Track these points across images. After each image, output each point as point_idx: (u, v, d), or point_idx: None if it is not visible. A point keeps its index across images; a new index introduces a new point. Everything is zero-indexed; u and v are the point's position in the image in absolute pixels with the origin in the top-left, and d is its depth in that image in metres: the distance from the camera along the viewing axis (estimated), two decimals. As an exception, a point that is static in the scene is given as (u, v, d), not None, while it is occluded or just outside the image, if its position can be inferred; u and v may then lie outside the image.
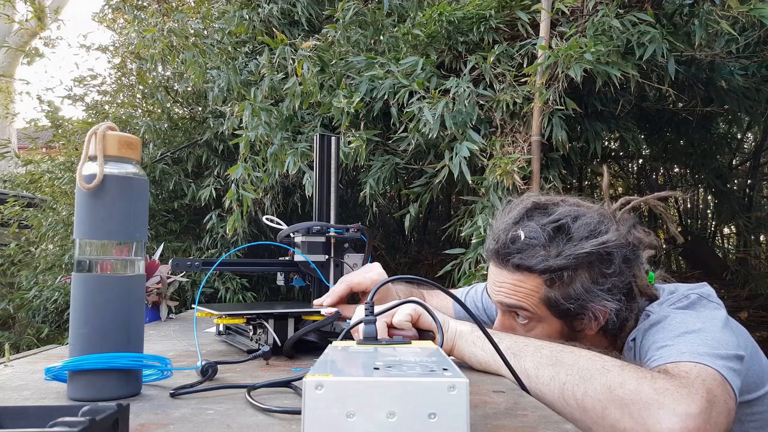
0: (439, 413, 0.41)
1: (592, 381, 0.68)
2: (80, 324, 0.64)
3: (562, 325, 0.90)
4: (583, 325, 0.90)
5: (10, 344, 3.21)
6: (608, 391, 0.67)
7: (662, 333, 0.80)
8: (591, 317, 0.88)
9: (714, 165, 3.19)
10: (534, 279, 0.88)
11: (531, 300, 0.89)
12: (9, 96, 7.32)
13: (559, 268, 0.86)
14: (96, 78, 3.76)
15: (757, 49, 2.13)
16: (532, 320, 0.91)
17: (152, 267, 1.47)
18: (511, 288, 0.90)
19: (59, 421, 0.37)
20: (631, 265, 0.89)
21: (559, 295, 0.87)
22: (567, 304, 0.87)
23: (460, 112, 1.82)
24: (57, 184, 3.19)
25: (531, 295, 0.89)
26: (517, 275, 0.89)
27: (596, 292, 0.87)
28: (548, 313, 0.89)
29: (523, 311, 0.90)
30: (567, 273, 0.86)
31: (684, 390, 0.65)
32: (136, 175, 0.67)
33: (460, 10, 1.95)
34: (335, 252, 1.07)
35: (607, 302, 0.87)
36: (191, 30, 2.75)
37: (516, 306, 0.90)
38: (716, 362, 0.71)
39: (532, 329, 0.91)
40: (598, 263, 0.87)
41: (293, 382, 0.69)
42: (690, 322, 0.80)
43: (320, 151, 1.16)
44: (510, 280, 0.90)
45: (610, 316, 0.88)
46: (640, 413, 0.64)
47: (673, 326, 0.80)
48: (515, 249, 0.89)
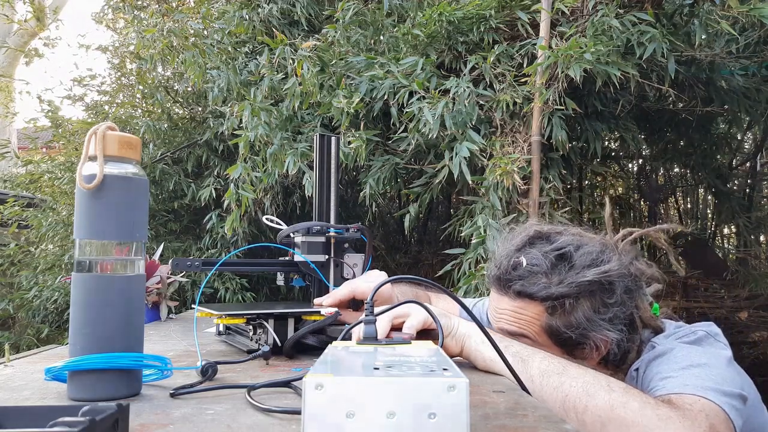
0: (439, 413, 0.41)
1: (595, 397, 0.68)
2: (80, 324, 0.64)
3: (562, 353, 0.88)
4: (584, 354, 0.89)
5: (10, 344, 3.21)
6: (610, 408, 0.66)
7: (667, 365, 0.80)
8: (592, 347, 0.88)
9: (714, 165, 3.19)
10: (535, 306, 0.88)
11: (532, 328, 0.88)
12: (9, 96, 7.32)
13: (561, 296, 0.86)
14: (95, 78, 3.76)
15: (757, 49, 2.13)
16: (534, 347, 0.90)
17: (152, 267, 1.47)
18: (512, 315, 0.90)
19: (59, 421, 0.37)
20: (632, 296, 0.88)
21: (561, 323, 0.86)
22: (568, 333, 0.86)
23: (460, 112, 1.82)
24: (57, 184, 3.20)
25: (532, 323, 0.88)
26: (519, 302, 0.89)
27: (598, 321, 0.86)
28: (549, 341, 0.89)
29: (524, 339, 0.88)
30: (569, 301, 0.86)
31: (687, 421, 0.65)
32: (136, 175, 0.67)
33: (460, 10, 1.95)
34: (335, 252, 1.07)
35: (609, 332, 0.86)
36: (191, 30, 2.75)
37: (517, 333, 0.89)
38: (720, 398, 0.71)
39: None
40: (599, 293, 0.86)
41: (293, 382, 0.69)
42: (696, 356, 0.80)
43: (320, 151, 1.16)
44: (511, 307, 0.90)
45: (612, 347, 0.88)
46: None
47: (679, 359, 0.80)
48: (517, 276, 0.89)
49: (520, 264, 0.89)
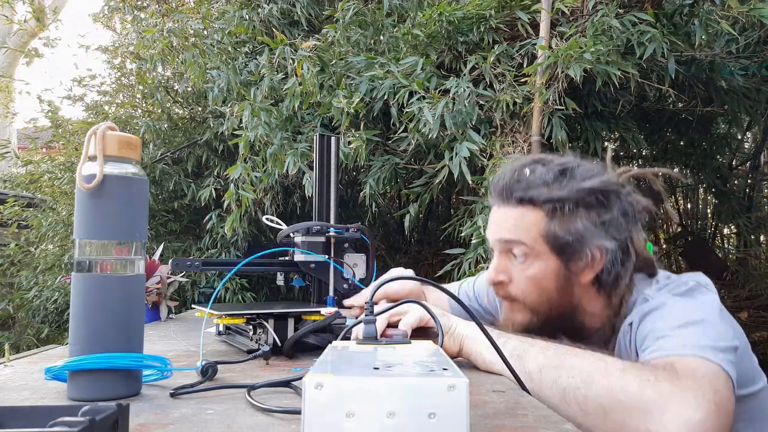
0: (439, 413, 0.41)
1: (593, 385, 0.68)
2: (80, 324, 0.64)
3: (559, 264, 0.88)
4: (580, 266, 0.88)
5: (10, 344, 3.22)
6: (609, 395, 0.66)
7: (662, 321, 0.79)
8: (588, 258, 0.87)
9: (714, 165, 3.18)
10: (536, 212, 0.88)
11: (530, 234, 0.88)
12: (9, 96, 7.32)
13: (561, 200, 0.86)
14: (95, 78, 3.76)
15: (757, 49, 2.13)
16: (529, 257, 0.89)
17: (152, 267, 1.47)
18: (512, 223, 0.90)
19: (59, 421, 0.37)
20: (628, 220, 0.88)
21: (559, 228, 0.87)
22: (567, 238, 0.86)
23: (460, 112, 1.82)
24: (57, 184, 3.20)
25: (531, 229, 0.88)
26: (519, 209, 0.89)
27: (594, 231, 0.86)
28: (547, 248, 0.88)
29: (521, 246, 0.89)
30: (568, 206, 0.86)
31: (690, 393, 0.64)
32: (136, 175, 0.67)
33: (460, 10, 1.95)
34: (335, 252, 1.07)
35: (605, 241, 0.86)
36: (191, 30, 2.75)
37: (515, 241, 0.89)
38: (718, 356, 0.71)
39: (527, 269, 0.89)
40: (597, 206, 0.87)
41: (293, 382, 0.69)
42: (691, 312, 0.79)
43: (320, 151, 1.16)
44: (512, 215, 0.90)
45: (606, 264, 0.87)
46: (643, 418, 0.63)
47: (674, 315, 0.79)
48: (519, 185, 0.90)
49: (523, 175, 0.90)
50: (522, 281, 0.90)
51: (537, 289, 0.89)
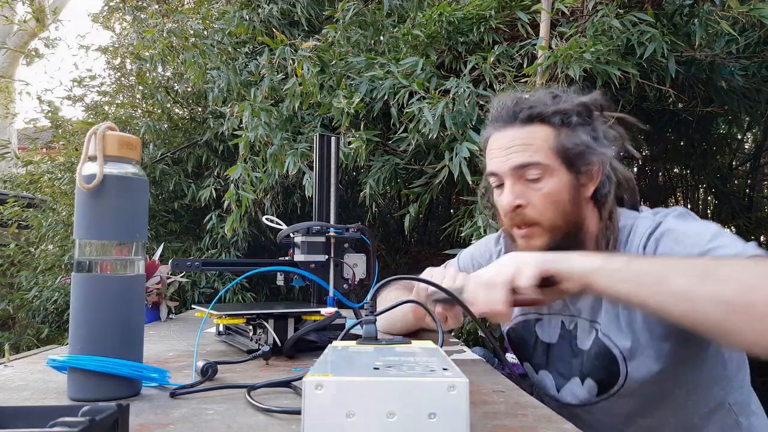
0: (439, 413, 0.41)
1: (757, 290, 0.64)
2: (80, 324, 0.64)
3: (570, 177, 0.89)
4: (585, 180, 0.90)
5: (10, 344, 3.22)
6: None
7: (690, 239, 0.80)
8: (594, 170, 0.90)
9: (714, 165, 3.19)
10: (544, 129, 0.89)
11: (543, 151, 0.88)
12: (9, 96, 7.32)
13: (566, 112, 0.89)
14: (95, 78, 3.76)
15: (757, 50, 2.13)
16: (545, 175, 0.88)
17: (152, 267, 1.47)
18: (522, 144, 0.89)
19: (59, 421, 0.37)
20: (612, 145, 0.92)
21: (567, 140, 0.88)
22: (575, 149, 0.88)
23: (460, 113, 1.82)
24: (57, 185, 3.20)
25: (542, 147, 0.88)
26: (527, 129, 0.90)
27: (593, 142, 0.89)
28: (559, 163, 0.88)
29: (536, 167, 0.88)
30: (573, 118, 0.89)
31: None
32: (136, 175, 0.67)
33: (460, 10, 1.96)
34: (335, 252, 1.07)
35: (606, 150, 0.90)
36: (191, 31, 2.75)
37: (528, 162, 0.88)
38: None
39: (544, 187, 0.89)
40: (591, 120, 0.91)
41: (293, 382, 0.69)
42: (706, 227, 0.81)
43: (320, 151, 1.16)
44: (521, 135, 0.90)
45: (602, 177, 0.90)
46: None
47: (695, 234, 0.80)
48: (525, 106, 0.91)
49: (524, 98, 0.92)
50: (539, 201, 0.89)
51: (553, 205, 0.88)
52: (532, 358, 1.04)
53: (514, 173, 0.90)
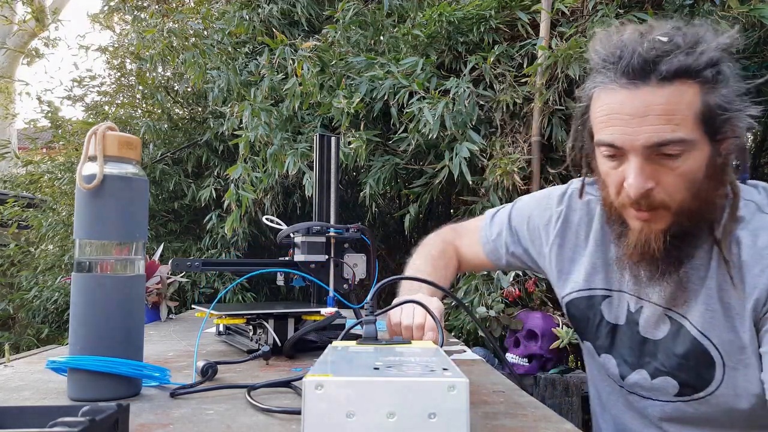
0: (439, 413, 0.41)
1: None
2: (80, 324, 0.64)
3: (711, 149, 0.70)
4: (728, 149, 0.72)
5: (10, 344, 3.21)
6: None
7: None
8: (734, 138, 0.71)
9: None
10: (691, 88, 0.68)
11: (688, 123, 0.68)
12: (9, 97, 7.32)
13: (718, 62, 0.68)
14: (95, 78, 3.76)
15: (757, 50, 2.13)
16: (685, 150, 0.69)
17: (152, 267, 1.47)
18: (662, 115, 0.68)
19: (59, 421, 0.37)
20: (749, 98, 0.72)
21: (718, 99, 0.69)
22: (722, 113, 0.69)
23: (460, 113, 1.82)
24: (57, 185, 3.20)
25: (687, 116, 0.68)
26: (669, 89, 0.67)
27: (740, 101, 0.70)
28: (701, 134, 0.69)
29: (677, 143, 0.68)
30: (722, 68, 0.69)
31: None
32: (136, 175, 0.67)
33: (460, 10, 1.96)
34: (335, 252, 1.07)
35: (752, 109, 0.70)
36: (191, 30, 2.75)
37: (670, 140, 0.68)
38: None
39: (681, 165, 0.70)
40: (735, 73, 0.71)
41: (293, 382, 0.69)
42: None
43: (320, 151, 1.16)
44: (660, 103, 0.68)
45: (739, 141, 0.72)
46: None
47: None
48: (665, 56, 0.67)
49: (660, 43, 0.68)
50: (673, 181, 0.71)
51: (689, 184, 0.71)
52: (596, 340, 0.89)
53: (647, 151, 0.70)
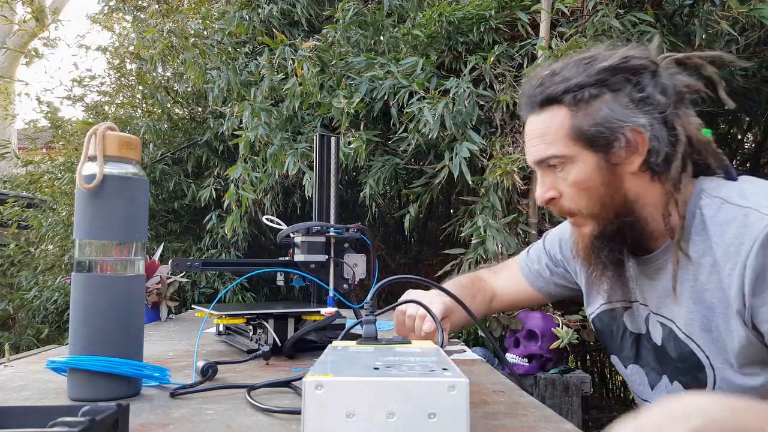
0: (439, 413, 0.41)
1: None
2: (80, 324, 0.64)
3: (597, 159, 0.80)
4: (621, 157, 0.79)
5: (10, 344, 3.21)
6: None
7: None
8: (625, 143, 0.78)
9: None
10: (559, 111, 0.81)
11: (559, 141, 0.81)
12: (8, 97, 7.32)
13: (579, 86, 0.79)
14: (95, 78, 3.76)
15: (757, 50, 2.13)
16: (566, 163, 0.81)
17: (152, 267, 1.47)
18: (538, 137, 0.83)
19: (59, 421, 0.37)
20: (668, 97, 0.79)
21: (585, 119, 0.79)
22: (595, 129, 0.78)
23: (460, 113, 1.82)
24: (57, 185, 3.20)
25: (558, 133, 0.81)
26: (543, 115, 0.82)
27: (625, 112, 0.78)
28: (579, 147, 0.80)
29: (552, 159, 0.82)
30: (588, 91, 0.79)
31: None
32: (136, 175, 0.67)
33: (460, 10, 1.96)
34: (335, 252, 1.07)
35: (639, 119, 0.78)
36: (191, 30, 2.75)
37: (544, 157, 0.82)
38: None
39: (568, 176, 0.82)
40: (625, 85, 0.79)
41: (293, 382, 0.69)
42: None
43: (320, 151, 1.16)
44: (538, 125, 0.83)
45: (651, 145, 0.78)
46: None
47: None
48: (541, 88, 0.83)
49: (544, 76, 0.83)
50: (569, 190, 0.82)
51: (585, 192, 0.81)
52: (621, 351, 0.92)
53: (539, 166, 0.85)
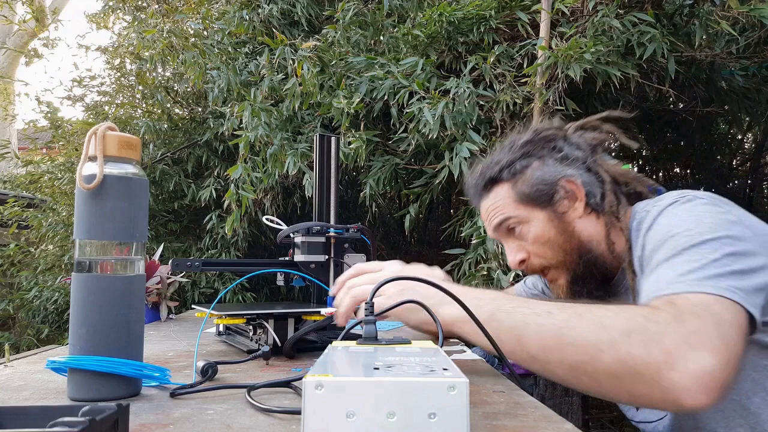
0: (439, 413, 0.41)
1: (600, 358, 0.64)
2: (80, 324, 0.64)
3: (546, 214, 0.94)
4: (565, 206, 0.94)
5: (10, 344, 3.21)
6: (618, 364, 0.63)
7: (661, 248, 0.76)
8: (566, 194, 0.94)
9: (714, 165, 3.19)
10: (501, 187, 0.98)
11: (509, 206, 0.97)
12: (8, 97, 7.32)
13: (510, 162, 0.97)
14: (95, 78, 3.76)
15: (757, 50, 2.13)
16: (522, 225, 0.96)
17: (152, 267, 1.47)
18: (492, 210, 0.99)
19: (59, 421, 0.37)
20: (585, 150, 0.96)
21: (525, 185, 0.95)
22: (535, 188, 0.94)
23: (460, 113, 1.82)
24: (57, 185, 3.20)
25: (507, 202, 0.97)
26: (491, 195, 0.99)
27: (555, 170, 0.95)
28: (528, 208, 0.95)
29: (509, 220, 0.96)
30: (519, 163, 0.97)
31: (694, 338, 0.61)
32: (136, 175, 0.67)
33: (460, 10, 1.95)
34: (335, 252, 1.07)
35: (568, 170, 0.94)
36: (191, 30, 2.75)
37: (502, 220, 0.97)
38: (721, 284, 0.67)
39: (528, 235, 0.95)
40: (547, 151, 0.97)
41: (293, 382, 0.69)
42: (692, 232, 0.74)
43: (320, 151, 1.16)
44: (489, 204, 1.00)
45: (586, 189, 0.94)
46: (654, 378, 0.61)
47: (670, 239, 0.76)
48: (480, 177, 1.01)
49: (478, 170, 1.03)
50: (533, 248, 0.94)
51: (547, 245, 0.94)
52: None
53: (501, 234, 0.98)
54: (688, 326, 0.63)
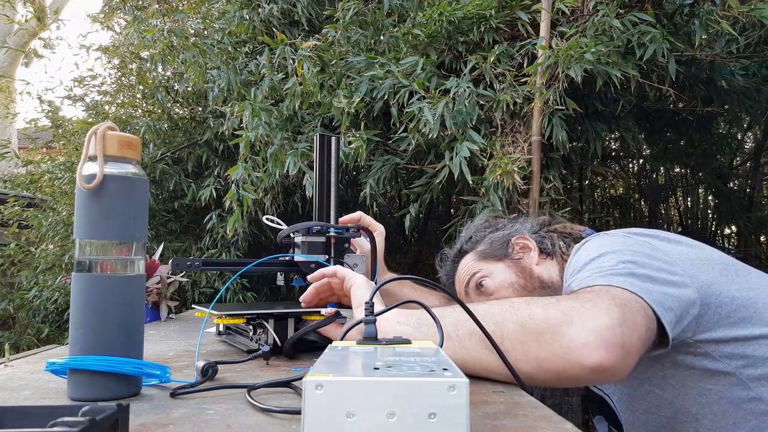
0: (439, 413, 0.41)
1: (505, 323, 0.70)
2: (80, 324, 0.64)
3: (503, 264, 1.13)
4: (520, 254, 1.13)
5: (10, 344, 3.22)
6: (520, 327, 0.69)
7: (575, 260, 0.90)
8: (518, 247, 1.14)
9: (714, 165, 3.18)
10: (466, 257, 1.21)
11: (474, 265, 1.17)
12: (9, 96, 7.32)
13: (469, 237, 1.23)
14: (96, 78, 3.76)
15: (757, 49, 2.13)
16: (487, 278, 1.13)
17: (152, 267, 1.47)
18: (462, 273, 1.19)
19: (59, 421, 0.37)
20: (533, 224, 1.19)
21: (482, 248, 1.18)
22: (491, 245, 1.16)
23: (460, 112, 1.82)
24: (57, 184, 3.20)
25: (471, 263, 1.18)
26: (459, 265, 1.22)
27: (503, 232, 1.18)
28: (488, 262, 1.15)
29: (475, 276, 1.15)
30: (475, 236, 1.21)
31: (589, 303, 0.68)
32: (136, 175, 0.67)
33: (460, 10, 1.95)
34: (335, 252, 1.07)
35: (514, 227, 1.18)
36: (191, 30, 2.75)
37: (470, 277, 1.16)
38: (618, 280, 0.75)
39: (493, 284, 1.12)
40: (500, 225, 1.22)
41: (293, 382, 0.69)
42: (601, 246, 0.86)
43: (320, 151, 1.16)
44: (460, 271, 1.20)
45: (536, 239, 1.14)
46: (554, 338, 0.66)
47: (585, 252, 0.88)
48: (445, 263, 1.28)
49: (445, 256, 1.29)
50: (500, 294, 1.10)
51: (509, 288, 1.10)
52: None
53: (473, 294, 1.15)
54: (582, 297, 0.72)
